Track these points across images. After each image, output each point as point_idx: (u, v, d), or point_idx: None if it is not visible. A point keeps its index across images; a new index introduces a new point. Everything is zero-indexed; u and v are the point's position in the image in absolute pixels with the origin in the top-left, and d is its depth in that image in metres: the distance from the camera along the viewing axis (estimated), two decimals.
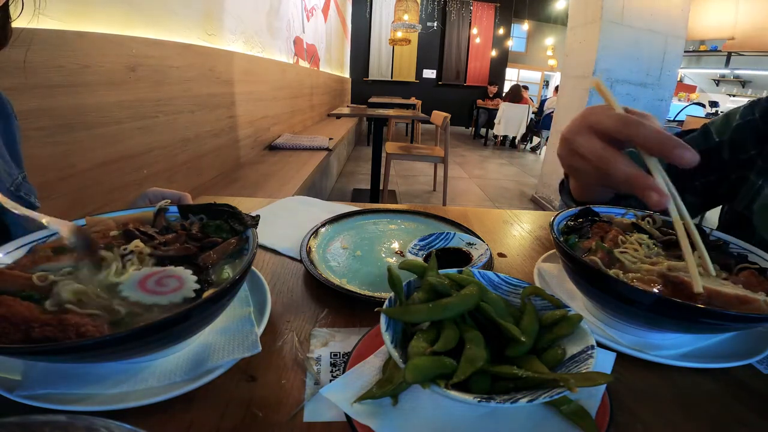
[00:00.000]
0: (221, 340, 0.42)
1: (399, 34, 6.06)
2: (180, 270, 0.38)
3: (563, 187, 0.78)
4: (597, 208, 0.60)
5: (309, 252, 0.63)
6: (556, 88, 7.39)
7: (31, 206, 0.65)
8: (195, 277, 0.38)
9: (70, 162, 1.22)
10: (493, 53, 10.46)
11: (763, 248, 0.50)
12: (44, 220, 0.39)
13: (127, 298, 0.36)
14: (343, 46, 8.12)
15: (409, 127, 7.76)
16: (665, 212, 0.44)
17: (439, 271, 0.41)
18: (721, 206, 0.77)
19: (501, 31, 10.26)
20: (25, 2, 0.53)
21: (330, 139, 3.45)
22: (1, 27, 0.54)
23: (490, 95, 9.29)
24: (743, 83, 7.59)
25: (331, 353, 0.43)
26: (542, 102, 7.69)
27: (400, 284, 0.39)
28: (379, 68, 10.08)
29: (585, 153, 0.48)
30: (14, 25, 0.56)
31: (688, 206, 0.76)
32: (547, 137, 4.70)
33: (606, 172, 0.46)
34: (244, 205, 0.89)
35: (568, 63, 3.79)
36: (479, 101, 8.87)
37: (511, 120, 7.36)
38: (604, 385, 0.35)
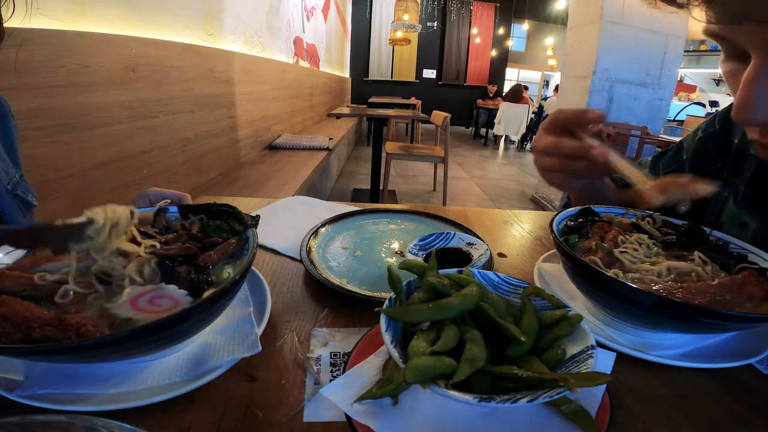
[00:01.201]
0: (221, 340, 0.42)
1: (399, 34, 6.05)
2: (173, 290, 0.37)
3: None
4: (597, 208, 0.60)
5: (309, 252, 0.63)
6: (556, 87, 7.39)
7: (28, 204, 0.65)
8: (190, 298, 0.37)
9: (70, 162, 1.22)
10: (493, 53, 10.46)
11: None
12: None
13: (117, 316, 0.35)
14: (343, 46, 8.12)
15: (409, 127, 7.75)
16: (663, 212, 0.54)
17: (439, 271, 0.41)
18: None
19: (501, 30, 10.26)
20: (17, 3, 0.53)
21: (330, 139, 3.45)
22: None
23: (490, 95, 9.28)
24: None
25: (331, 353, 0.43)
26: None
27: (400, 284, 0.39)
28: (379, 68, 10.07)
29: (545, 148, 0.59)
30: (10, 25, 0.56)
31: None
32: None
33: (559, 151, 0.57)
34: (244, 205, 0.89)
35: (568, 63, 3.79)
36: (479, 101, 8.87)
37: (511, 120, 7.36)
38: (604, 385, 0.35)
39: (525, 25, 9.77)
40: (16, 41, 1.00)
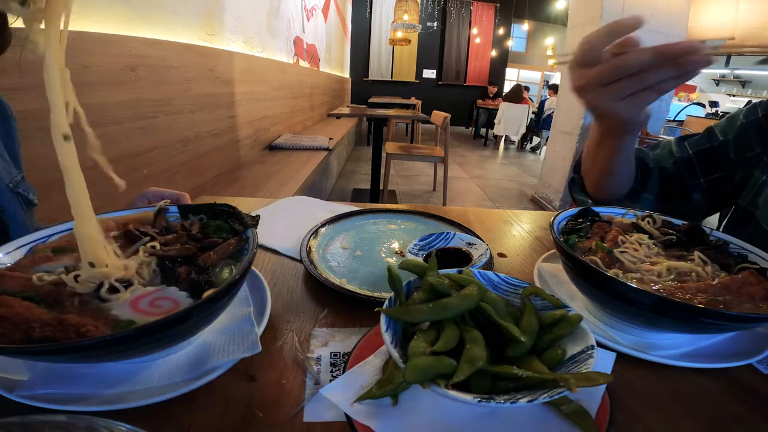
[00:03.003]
0: (221, 340, 0.42)
1: (399, 34, 6.05)
2: (174, 291, 0.37)
3: (573, 183, 0.79)
4: (597, 209, 0.61)
5: (309, 252, 0.63)
6: (553, 88, 7.39)
7: (30, 203, 0.65)
8: (190, 300, 0.37)
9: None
10: (493, 53, 10.45)
11: (765, 241, 0.51)
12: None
13: (118, 317, 0.35)
14: (343, 46, 8.12)
15: (409, 127, 7.75)
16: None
17: (439, 271, 0.41)
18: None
19: (501, 31, 10.25)
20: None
21: (330, 139, 3.45)
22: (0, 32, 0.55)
23: (490, 95, 9.28)
24: (743, 83, 7.59)
25: (331, 353, 0.43)
26: (542, 102, 7.67)
27: (400, 284, 0.39)
28: (379, 68, 10.07)
29: (602, 75, 0.49)
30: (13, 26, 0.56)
31: (697, 205, 0.77)
32: (547, 137, 4.70)
33: (627, 69, 0.48)
34: (244, 205, 0.89)
35: None
36: (479, 101, 8.86)
37: (511, 120, 7.36)
38: (604, 385, 0.35)
39: (525, 25, 9.76)
40: (16, 41, 1.00)
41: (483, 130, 8.44)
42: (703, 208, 0.77)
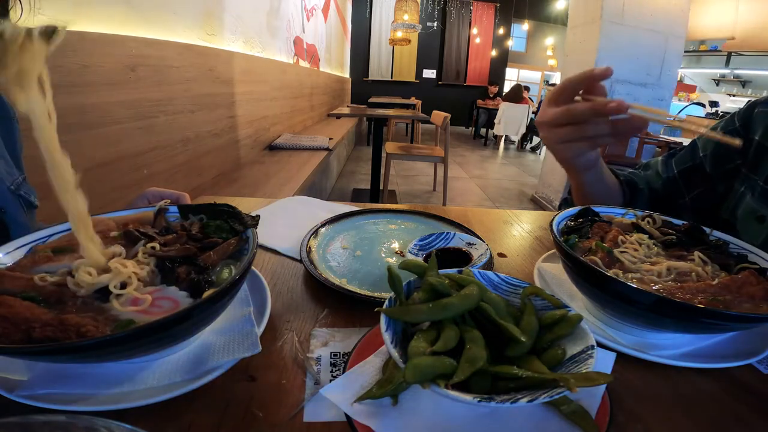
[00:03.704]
0: (221, 340, 0.42)
1: (399, 34, 6.05)
2: (174, 291, 0.37)
3: (566, 204, 0.81)
4: (597, 208, 0.61)
5: (309, 252, 0.63)
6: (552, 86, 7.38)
7: (31, 205, 0.65)
8: (190, 300, 0.37)
9: (70, 162, 1.22)
10: (493, 53, 10.45)
11: None
12: None
13: (118, 317, 0.35)
14: (343, 46, 8.11)
15: (409, 127, 7.75)
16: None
17: (439, 271, 0.41)
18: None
19: (501, 31, 10.26)
20: (24, 4, 0.54)
21: (330, 139, 3.45)
22: None
23: (491, 95, 9.27)
24: (743, 83, 7.59)
25: (331, 353, 0.43)
26: (542, 102, 7.66)
27: (400, 284, 0.39)
28: (379, 68, 10.07)
29: (556, 117, 0.55)
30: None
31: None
32: None
33: (572, 118, 0.54)
34: (244, 205, 0.89)
35: (568, 63, 3.79)
36: (479, 101, 8.86)
37: (511, 120, 7.36)
38: (604, 385, 0.35)
39: (525, 25, 9.77)
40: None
41: (483, 130, 8.44)
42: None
